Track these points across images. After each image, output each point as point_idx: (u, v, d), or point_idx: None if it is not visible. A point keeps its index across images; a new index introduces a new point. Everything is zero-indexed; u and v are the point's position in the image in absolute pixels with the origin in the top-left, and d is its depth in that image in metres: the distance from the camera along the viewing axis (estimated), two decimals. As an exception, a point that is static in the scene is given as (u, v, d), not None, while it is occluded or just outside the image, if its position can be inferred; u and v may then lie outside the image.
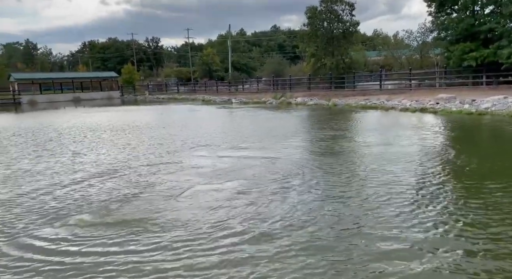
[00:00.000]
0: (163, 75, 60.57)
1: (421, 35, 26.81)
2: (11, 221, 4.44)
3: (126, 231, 3.99)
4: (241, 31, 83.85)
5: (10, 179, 6.39)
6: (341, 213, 4.31)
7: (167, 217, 4.36)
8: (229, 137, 10.16)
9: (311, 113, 17.62)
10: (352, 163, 6.72)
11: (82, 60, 76.63)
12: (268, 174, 6.10)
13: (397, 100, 17.71)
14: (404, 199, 4.66)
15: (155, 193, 5.32)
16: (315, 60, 28.61)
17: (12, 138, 11.65)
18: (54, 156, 8.35)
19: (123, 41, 77.77)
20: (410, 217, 4.12)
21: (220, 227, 4.00)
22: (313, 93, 25.50)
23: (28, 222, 4.39)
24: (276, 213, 4.35)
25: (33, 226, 4.26)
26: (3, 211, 4.77)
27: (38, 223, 4.35)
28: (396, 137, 9.34)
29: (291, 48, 69.06)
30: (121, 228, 4.07)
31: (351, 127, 12.12)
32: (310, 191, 5.14)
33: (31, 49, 75.18)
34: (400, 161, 6.67)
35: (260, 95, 28.42)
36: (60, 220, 4.40)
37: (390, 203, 4.56)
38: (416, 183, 5.35)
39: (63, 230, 4.10)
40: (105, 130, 12.67)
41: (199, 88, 43.94)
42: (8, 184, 6.11)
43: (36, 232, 4.08)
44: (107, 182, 6.00)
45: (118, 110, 25.61)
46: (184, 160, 7.43)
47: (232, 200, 4.86)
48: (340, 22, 27.71)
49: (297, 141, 9.34)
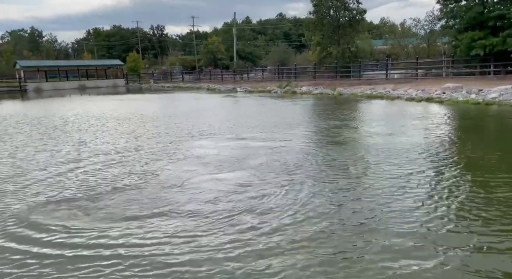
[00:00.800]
0: (168, 63, 60.39)
1: (429, 24, 26.38)
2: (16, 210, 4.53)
3: (128, 222, 4.06)
4: (247, 19, 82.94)
5: (14, 167, 6.49)
6: (348, 206, 4.34)
7: (171, 208, 4.42)
8: (234, 127, 10.18)
9: (316, 103, 17.56)
10: (357, 154, 6.72)
11: (87, 48, 76.50)
12: (273, 164, 6.14)
13: (403, 90, 17.57)
14: (410, 192, 4.66)
15: (161, 182, 5.39)
16: (320, 48, 28.34)
17: (18, 126, 11.77)
18: (58, 144, 8.44)
19: (128, 29, 77.42)
20: (417, 211, 4.13)
21: (224, 219, 4.05)
22: (319, 82, 25.34)
23: (29, 211, 4.48)
24: (283, 206, 4.38)
25: (35, 215, 4.35)
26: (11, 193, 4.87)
27: (39, 211, 4.44)
28: (401, 128, 9.31)
29: (296, 36, 68.35)
30: (124, 218, 4.14)
31: (356, 117, 12.08)
32: (316, 183, 5.16)
33: (36, 37, 75.20)
34: (406, 152, 6.65)
35: (265, 84, 28.30)
36: (60, 209, 4.49)
37: (396, 196, 4.57)
38: (422, 175, 5.34)
39: (62, 219, 4.18)
40: (110, 119, 12.74)
41: (204, 76, 43.81)
42: (12, 173, 6.21)
43: (37, 222, 4.16)
44: (111, 170, 6.08)
45: (123, 98, 25.69)
46: (188, 149, 7.48)
47: (237, 191, 4.91)
48: (347, 10, 27.33)
49: (301, 131, 9.34)
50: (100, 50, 74.63)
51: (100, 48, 75.13)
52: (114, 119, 12.66)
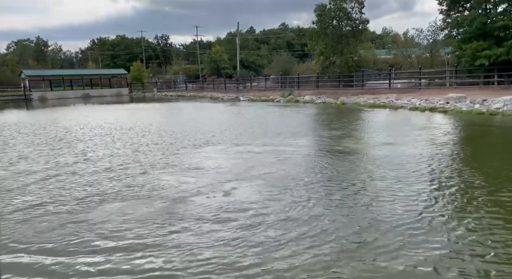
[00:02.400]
0: (172, 72, 60.79)
1: (432, 34, 26.45)
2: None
3: (136, 240, 4.01)
4: (251, 29, 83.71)
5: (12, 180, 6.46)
6: (348, 217, 4.27)
7: (178, 221, 4.36)
8: (237, 137, 10.14)
9: (319, 112, 17.53)
10: (359, 164, 6.66)
11: (92, 57, 77.26)
12: (276, 175, 6.08)
13: (406, 99, 17.52)
14: (411, 203, 4.60)
15: (170, 192, 5.34)
16: (323, 58, 28.43)
17: (18, 136, 11.80)
18: (59, 155, 8.43)
19: (132, 39, 78.20)
20: (420, 222, 4.06)
21: (231, 227, 3.99)
22: (321, 91, 25.34)
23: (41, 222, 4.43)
24: (288, 213, 4.32)
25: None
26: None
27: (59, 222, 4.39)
28: (405, 137, 9.24)
29: (299, 46, 68.70)
30: (128, 246, 4.09)
31: (359, 127, 12.03)
32: (319, 197, 5.10)
33: (42, 46, 76.01)
34: (408, 162, 6.59)
35: (268, 93, 28.35)
36: (70, 221, 4.44)
37: (397, 208, 4.50)
38: (424, 186, 5.27)
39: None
40: (114, 129, 12.75)
41: (207, 85, 43.97)
42: (13, 187, 6.18)
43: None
44: (113, 180, 6.04)
45: (127, 108, 25.79)
46: (192, 160, 7.44)
47: (238, 208, 4.85)
48: (350, 20, 27.48)
49: (305, 141, 9.29)
50: (105, 59, 75.32)
51: (105, 58, 75.84)
52: (118, 129, 12.66)
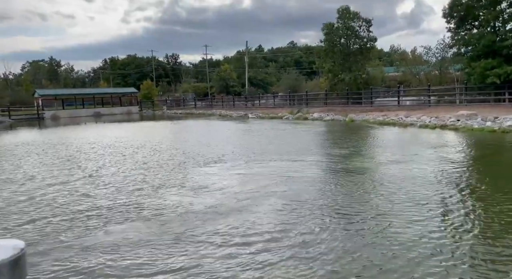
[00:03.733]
0: (181, 90, 61.62)
1: (440, 51, 26.49)
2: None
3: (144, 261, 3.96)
4: (259, 47, 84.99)
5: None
6: (358, 239, 4.17)
7: (189, 243, 4.31)
8: (246, 155, 10.11)
9: (328, 129, 17.49)
10: (368, 183, 6.56)
11: (103, 76, 78.93)
12: (285, 195, 6.02)
13: (416, 117, 17.40)
14: (421, 226, 4.48)
15: (180, 212, 5.31)
16: (332, 75, 28.60)
17: (30, 155, 11.95)
18: (70, 175, 8.48)
19: (142, 58, 79.89)
20: (427, 245, 3.95)
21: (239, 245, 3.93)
22: (330, 108, 25.38)
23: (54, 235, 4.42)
24: (298, 234, 4.25)
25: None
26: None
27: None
28: (416, 156, 9.11)
29: (307, 64, 69.36)
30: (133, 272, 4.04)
31: (369, 144, 11.93)
32: (328, 214, 5.02)
33: (55, 66, 78.04)
34: (419, 182, 6.47)
35: (277, 111, 28.47)
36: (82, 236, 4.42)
37: (407, 232, 4.39)
38: (434, 208, 5.14)
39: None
40: (125, 147, 12.85)
41: (216, 103, 44.40)
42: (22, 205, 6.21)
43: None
44: (122, 201, 6.03)
45: (137, 126, 26.09)
46: (198, 178, 7.42)
47: (254, 223, 4.79)
48: (357, 38, 27.74)
49: (314, 158, 9.22)
50: (116, 78, 76.87)
51: (116, 77, 77.43)
52: (129, 147, 12.75)
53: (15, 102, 43.42)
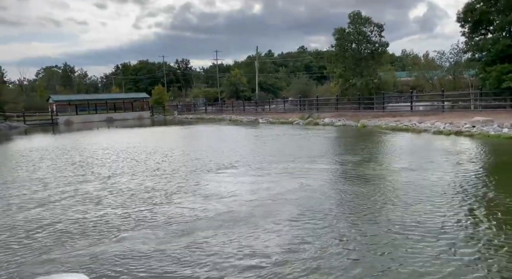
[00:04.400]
0: (192, 95, 62.05)
1: (454, 56, 26.10)
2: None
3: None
4: (269, 52, 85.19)
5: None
6: (370, 251, 4.07)
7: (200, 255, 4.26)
8: (258, 160, 10.05)
9: (340, 135, 17.33)
10: (381, 192, 6.43)
11: (116, 82, 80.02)
12: (296, 200, 5.94)
13: (429, 123, 17.13)
14: (434, 237, 4.35)
15: (191, 220, 5.27)
16: (343, 80, 28.44)
17: (43, 160, 12.09)
18: (85, 182, 8.54)
19: (154, 63, 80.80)
20: (441, 256, 3.82)
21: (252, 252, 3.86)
22: (341, 114, 25.20)
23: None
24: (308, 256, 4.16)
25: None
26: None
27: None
28: (431, 163, 8.92)
29: (317, 68, 69.20)
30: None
31: (381, 151, 11.76)
32: (342, 225, 4.92)
33: (68, 72, 79.45)
34: (433, 191, 6.31)
35: (287, 115, 28.40)
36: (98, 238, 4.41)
37: (420, 241, 4.26)
38: (448, 218, 4.99)
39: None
40: (137, 153, 12.92)
41: (226, 108, 44.55)
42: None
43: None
44: (141, 208, 6.03)
45: (149, 131, 26.30)
46: (210, 185, 7.39)
47: (265, 229, 4.73)
48: (369, 43, 27.56)
49: (325, 165, 9.11)
50: (127, 83, 77.83)
51: (127, 82, 78.41)
52: (142, 153, 12.81)
53: (29, 108, 44.28)
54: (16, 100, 50.67)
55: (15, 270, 3.89)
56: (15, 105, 46.84)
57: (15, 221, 5.53)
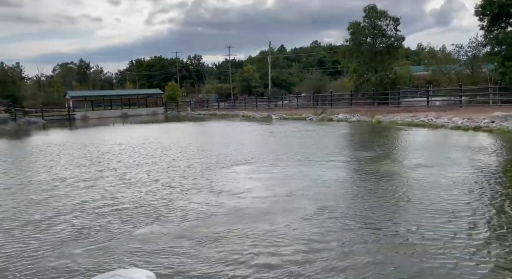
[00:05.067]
0: (204, 91, 62.31)
1: (472, 50, 25.45)
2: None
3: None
4: (281, 47, 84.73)
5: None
6: (387, 252, 4.02)
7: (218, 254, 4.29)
8: (272, 157, 10.04)
9: (354, 131, 17.16)
10: (397, 189, 6.34)
11: (130, 77, 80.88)
12: (311, 196, 5.92)
13: (447, 118, 16.79)
14: (455, 237, 4.27)
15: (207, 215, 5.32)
16: (357, 76, 28.08)
17: (62, 156, 12.34)
18: (102, 178, 8.68)
19: (167, 59, 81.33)
20: (463, 260, 3.75)
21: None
22: (355, 109, 24.93)
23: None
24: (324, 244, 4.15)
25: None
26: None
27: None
28: (448, 159, 8.76)
29: (331, 63, 68.54)
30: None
31: (398, 147, 11.60)
32: (358, 224, 4.88)
33: (84, 68, 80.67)
34: (450, 188, 6.19)
35: (300, 111, 28.25)
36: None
37: (438, 242, 4.19)
38: (469, 217, 4.89)
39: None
40: (154, 149, 13.05)
41: (239, 104, 44.58)
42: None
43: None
44: (157, 204, 6.10)
45: (164, 127, 26.55)
46: (226, 181, 7.42)
47: (280, 226, 4.73)
48: (384, 37, 27.09)
49: (340, 162, 9.04)
50: (141, 79, 78.58)
51: (141, 78, 79.17)
52: (158, 149, 12.95)
53: (47, 104, 45.21)
54: (34, 96, 51.81)
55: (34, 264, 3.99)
56: (33, 101, 47.93)
57: (31, 216, 5.67)
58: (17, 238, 4.71)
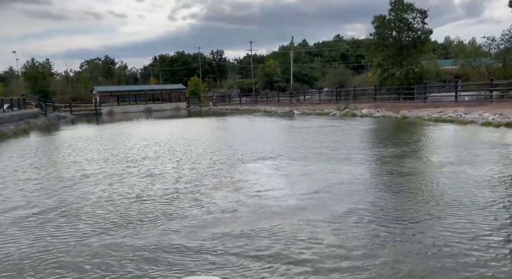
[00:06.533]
0: (226, 86, 62.63)
1: (505, 43, 24.30)
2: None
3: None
4: (303, 41, 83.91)
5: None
6: (418, 257, 3.97)
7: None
8: (296, 154, 10.04)
9: (379, 127, 16.87)
10: (424, 188, 6.20)
11: (153, 73, 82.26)
12: (336, 195, 5.90)
13: (477, 114, 16.23)
14: (490, 244, 4.16)
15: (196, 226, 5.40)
16: (382, 70, 27.47)
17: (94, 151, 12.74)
18: (129, 174, 8.94)
19: (189, 54, 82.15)
20: (496, 263, 3.65)
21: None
22: (380, 104, 24.45)
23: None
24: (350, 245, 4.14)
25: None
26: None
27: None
28: (479, 157, 8.49)
29: (354, 57, 67.32)
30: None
31: (425, 144, 11.33)
32: (385, 229, 4.84)
33: (109, 64, 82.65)
34: (481, 187, 6.02)
35: (322, 106, 27.97)
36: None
37: (471, 248, 4.10)
38: (503, 219, 4.75)
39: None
40: (179, 145, 13.28)
41: (261, 99, 44.56)
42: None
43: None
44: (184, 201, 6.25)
45: (187, 122, 26.91)
46: (246, 178, 7.49)
47: (307, 228, 4.75)
48: (411, 31, 26.33)
49: (365, 157, 8.93)
50: (164, 74, 79.80)
51: (164, 73, 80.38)
52: (182, 145, 13.18)
53: (75, 99, 46.74)
54: (63, 91, 53.57)
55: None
56: (62, 96, 49.60)
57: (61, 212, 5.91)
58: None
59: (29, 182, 7.76)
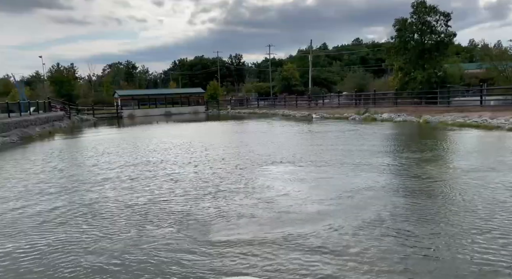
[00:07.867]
0: (244, 90, 62.90)
1: (533, 45, 23.49)
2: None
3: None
4: (323, 45, 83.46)
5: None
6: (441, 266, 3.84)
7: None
8: (316, 158, 9.93)
9: (400, 131, 16.52)
10: (447, 197, 6.00)
11: (173, 77, 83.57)
12: (355, 204, 5.79)
13: (503, 119, 15.68)
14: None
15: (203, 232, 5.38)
16: (403, 74, 26.96)
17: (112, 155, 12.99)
18: (148, 178, 9.05)
19: (208, 58, 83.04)
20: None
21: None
22: (401, 109, 23.98)
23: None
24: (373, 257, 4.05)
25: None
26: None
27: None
28: (504, 165, 8.17)
29: (374, 61, 66.39)
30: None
31: (447, 149, 11.02)
32: (404, 242, 4.71)
33: (130, 68, 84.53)
34: (506, 195, 5.78)
35: (342, 111, 27.64)
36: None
37: (495, 255, 3.92)
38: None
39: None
40: (201, 148, 13.39)
41: (279, 102, 44.49)
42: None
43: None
44: (202, 201, 6.28)
45: (206, 126, 27.11)
46: (265, 183, 7.45)
47: (324, 236, 4.68)
48: (433, 34, 25.75)
49: (387, 163, 8.75)
50: (184, 78, 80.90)
51: (183, 77, 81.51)
52: (200, 148, 13.27)
53: (98, 102, 47.91)
54: (86, 95, 55.10)
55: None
56: (85, 99, 51.01)
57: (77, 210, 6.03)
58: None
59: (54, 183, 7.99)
